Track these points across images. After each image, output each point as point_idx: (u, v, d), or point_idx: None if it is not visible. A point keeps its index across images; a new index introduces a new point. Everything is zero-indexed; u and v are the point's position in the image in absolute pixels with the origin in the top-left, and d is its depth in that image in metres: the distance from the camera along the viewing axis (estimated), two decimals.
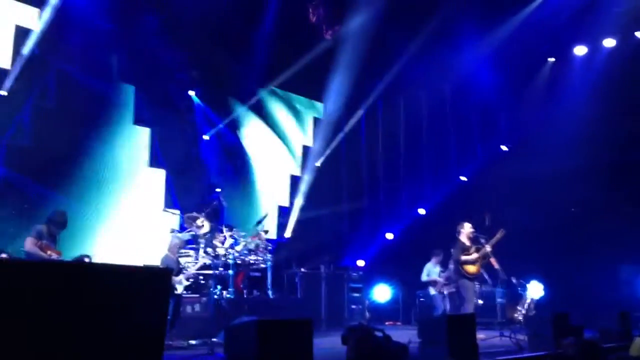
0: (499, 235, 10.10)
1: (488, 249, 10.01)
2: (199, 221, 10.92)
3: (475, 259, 10.03)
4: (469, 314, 8.89)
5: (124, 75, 12.11)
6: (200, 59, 13.29)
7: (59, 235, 8.43)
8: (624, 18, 14.01)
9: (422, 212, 16.71)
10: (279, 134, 15.36)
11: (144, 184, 12.28)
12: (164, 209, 11.78)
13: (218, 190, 13.08)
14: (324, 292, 12.79)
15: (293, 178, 15.44)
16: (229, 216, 13.23)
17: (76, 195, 10.88)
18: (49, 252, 8.07)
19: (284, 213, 15.00)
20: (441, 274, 11.78)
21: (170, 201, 12.53)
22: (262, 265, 11.53)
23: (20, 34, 10.41)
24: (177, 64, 13.09)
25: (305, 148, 15.81)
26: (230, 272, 10.62)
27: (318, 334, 7.09)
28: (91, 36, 11.54)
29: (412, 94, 16.74)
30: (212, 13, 12.73)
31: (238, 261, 10.89)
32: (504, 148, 17.17)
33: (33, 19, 10.57)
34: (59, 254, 8.26)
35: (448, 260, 11.34)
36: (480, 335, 8.58)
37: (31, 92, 10.62)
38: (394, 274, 15.02)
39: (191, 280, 9.93)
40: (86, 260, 8.56)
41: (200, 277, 10.54)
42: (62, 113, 10.91)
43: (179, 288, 9.23)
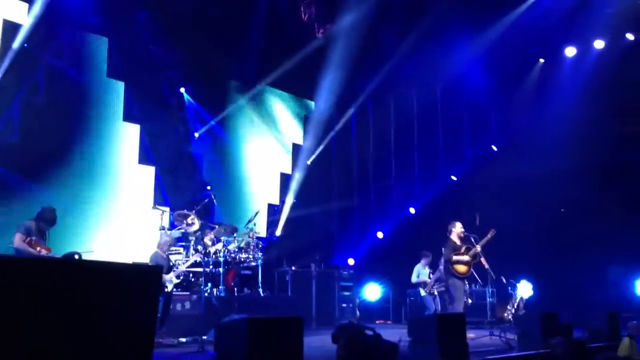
0: (489, 235, 10.10)
1: (478, 248, 10.02)
2: (189, 219, 10.89)
3: (466, 259, 10.03)
4: (459, 313, 8.90)
5: (113, 71, 12.01)
6: (191, 56, 13.23)
7: (48, 232, 8.37)
8: (614, 19, 14.09)
9: (413, 211, 16.75)
10: (270, 131, 15.32)
11: (134, 181, 12.21)
12: (154, 207, 11.70)
13: (208, 187, 13.04)
14: (314, 291, 12.79)
15: (284, 176, 15.41)
16: (220, 214, 13.19)
17: (65, 192, 10.80)
18: (38, 249, 8.02)
19: (274, 211, 14.97)
20: (431, 275, 11.80)
21: (160, 198, 12.46)
22: (253, 263, 11.50)
23: (9, 29, 10.31)
24: (168, 60, 13.02)
25: (296, 146, 15.78)
26: (220, 270, 10.60)
27: (308, 332, 7.07)
28: (81, 31, 11.47)
29: (403, 93, 16.77)
30: (204, 10, 12.70)
31: (229, 259, 10.87)
32: (494, 148, 17.24)
33: (22, 14, 10.48)
34: (49, 250, 8.21)
35: (437, 261, 11.35)
36: (470, 335, 8.59)
37: (20, 87, 10.53)
38: (384, 272, 15.04)
39: (181, 278, 9.89)
40: (76, 257, 8.49)
41: (191, 275, 10.50)
42: (52, 108, 10.84)
43: (169, 286, 9.19)
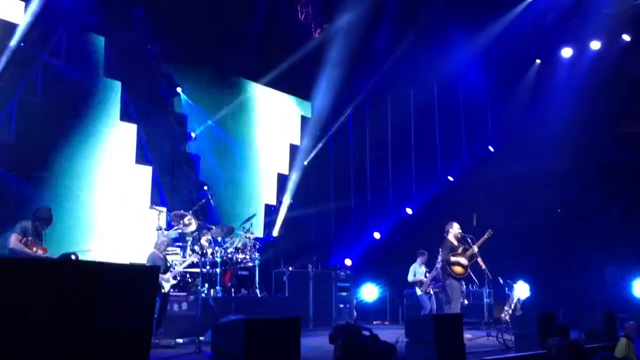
0: (486, 236, 10.10)
1: (475, 249, 10.02)
2: (186, 219, 10.86)
3: (463, 260, 10.02)
4: (456, 314, 8.90)
5: (110, 71, 11.98)
6: (188, 56, 13.21)
7: (44, 232, 8.33)
8: (610, 20, 14.12)
9: (410, 212, 16.74)
10: (267, 132, 15.29)
11: (131, 181, 12.16)
12: (151, 207, 11.67)
13: (205, 188, 13.01)
14: (311, 291, 12.77)
15: (281, 176, 15.39)
16: (217, 214, 13.17)
17: (62, 192, 10.75)
18: (34, 249, 7.97)
19: (271, 212, 14.94)
20: (427, 274, 11.79)
21: (157, 198, 12.43)
22: (250, 264, 11.49)
23: (6, 28, 10.26)
24: (165, 60, 13.00)
25: (293, 147, 15.76)
26: (217, 271, 10.57)
27: (305, 333, 7.07)
28: (77, 30, 11.43)
29: (400, 93, 16.77)
30: (201, 10, 12.66)
31: (226, 259, 10.84)
32: (491, 149, 17.25)
33: (19, 13, 10.43)
34: (45, 250, 8.17)
35: (434, 260, 11.35)
36: (467, 335, 8.60)
37: (17, 87, 10.48)
38: (381, 273, 15.04)
39: (178, 279, 9.86)
40: (72, 257, 8.46)
41: (188, 276, 10.47)
42: (48, 108, 10.78)
43: (165, 286, 9.16)
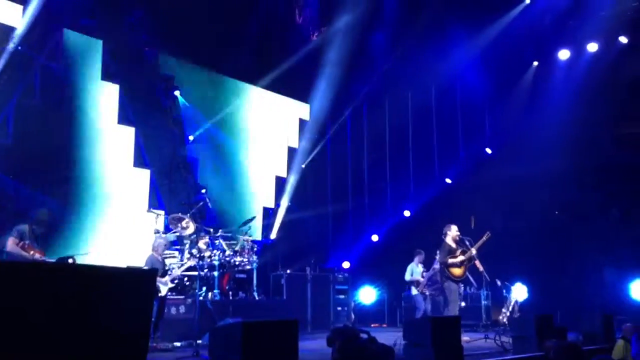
0: (484, 238, 10.08)
1: (474, 251, 10.01)
2: (184, 222, 10.86)
3: (461, 262, 10.02)
4: (454, 316, 8.90)
5: (108, 74, 11.98)
6: (185, 59, 13.21)
7: (42, 235, 8.32)
8: (608, 22, 14.15)
9: (407, 214, 16.75)
10: (265, 134, 15.29)
11: (129, 184, 12.16)
12: (149, 210, 11.66)
13: (203, 191, 13.01)
14: (309, 294, 12.76)
15: (279, 179, 15.38)
16: (214, 217, 13.16)
17: (59, 195, 10.75)
18: (31, 252, 7.96)
19: (269, 214, 14.94)
20: (424, 274, 11.80)
21: (155, 202, 12.42)
22: (248, 267, 11.48)
23: (4, 31, 10.26)
24: (163, 63, 13.00)
25: (291, 149, 15.76)
26: (215, 274, 10.56)
27: (303, 336, 7.08)
28: (75, 33, 11.43)
29: (398, 95, 16.78)
30: (199, 12, 12.67)
31: (223, 262, 10.83)
32: (489, 151, 17.26)
33: (17, 16, 10.43)
34: (43, 254, 8.16)
35: (430, 259, 11.37)
36: (465, 338, 8.61)
37: (15, 90, 10.48)
38: (379, 275, 15.04)
39: (176, 282, 9.85)
40: (70, 261, 8.45)
41: (185, 279, 10.46)
42: (46, 111, 10.78)
43: (163, 290, 9.12)
